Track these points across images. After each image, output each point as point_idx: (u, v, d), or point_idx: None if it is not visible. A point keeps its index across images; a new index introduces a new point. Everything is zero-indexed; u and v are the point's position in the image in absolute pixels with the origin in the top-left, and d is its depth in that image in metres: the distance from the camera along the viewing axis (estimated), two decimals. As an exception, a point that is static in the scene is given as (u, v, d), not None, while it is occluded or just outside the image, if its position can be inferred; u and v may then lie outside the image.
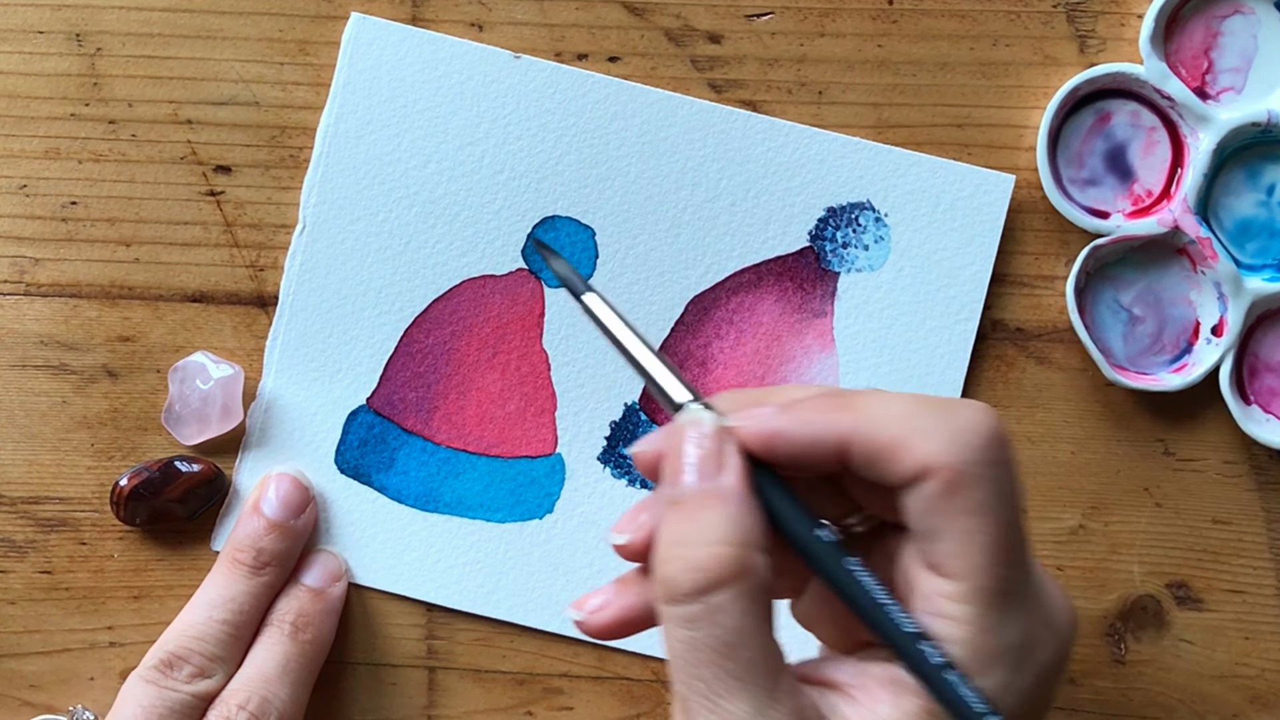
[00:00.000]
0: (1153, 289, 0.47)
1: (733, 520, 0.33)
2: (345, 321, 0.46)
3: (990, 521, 0.33)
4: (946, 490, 0.32)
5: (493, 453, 0.46)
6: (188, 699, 0.42)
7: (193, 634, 0.43)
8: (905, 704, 0.33)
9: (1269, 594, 0.47)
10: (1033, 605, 0.34)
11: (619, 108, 0.46)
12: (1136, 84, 0.46)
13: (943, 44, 0.46)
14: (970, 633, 0.33)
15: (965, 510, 0.32)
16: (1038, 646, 0.34)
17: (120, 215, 0.46)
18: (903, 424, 0.33)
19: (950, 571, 0.33)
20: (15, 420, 0.46)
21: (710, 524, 0.33)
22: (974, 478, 0.32)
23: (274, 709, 0.42)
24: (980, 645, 0.33)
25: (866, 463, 0.34)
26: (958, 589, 0.33)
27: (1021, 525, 0.34)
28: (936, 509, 0.33)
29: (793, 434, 0.34)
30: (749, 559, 0.33)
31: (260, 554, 0.44)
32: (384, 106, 0.46)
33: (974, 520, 0.33)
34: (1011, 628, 0.33)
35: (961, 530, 0.33)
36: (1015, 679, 0.33)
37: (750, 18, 0.46)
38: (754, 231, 0.46)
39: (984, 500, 0.33)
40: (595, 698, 0.47)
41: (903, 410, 0.33)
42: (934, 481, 0.32)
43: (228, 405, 0.46)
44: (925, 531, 0.33)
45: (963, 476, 0.32)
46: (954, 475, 0.32)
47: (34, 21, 0.46)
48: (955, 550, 0.33)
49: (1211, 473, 0.47)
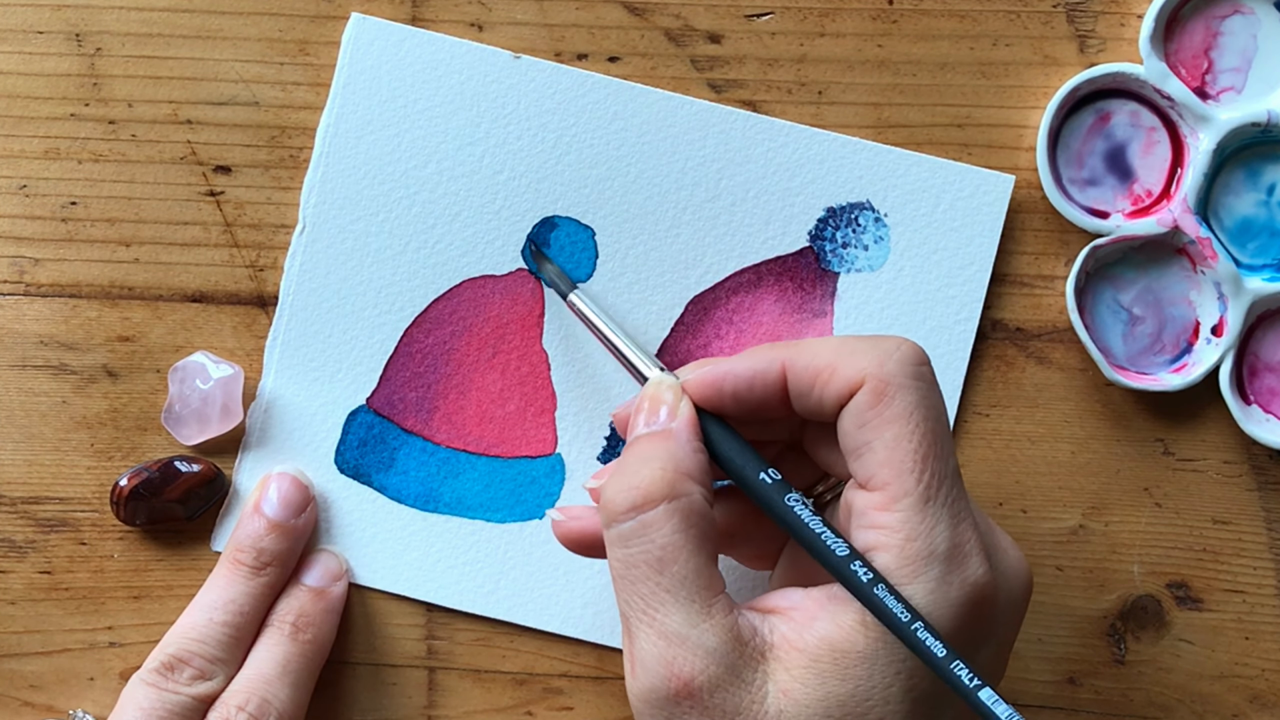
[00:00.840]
0: (1153, 289, 0.47)
1: (670, 452, 0.37)
2: (345, 321, 0.46)
3: (914, 428, 0.36)
4: (873, 398, 0.36)
5: (493, 453, 0.46)
6: (188, 701, 0.42)
7: (193, 636, 0.43)
8: (840, 616, 0.36)
9: (1269, 594, 0.47)
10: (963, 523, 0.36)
11: (619, 108, 0.46)
12: (1136, 84, 0.46)
13: (943, 44, 0.46)
14: (898, 539, 0.35)
15: (891, 417, 0.36)
16: (968, 561, 0.36)
17: (120, 215, 0.46)
18: (834, 350, 0.37)
19: (878, 483, 0.36)
20: (15, 420, 0.46)
21: (648, 454, 0.37)
22: (898, 386, 0.36)
23: (274, 709, 0.42)
24: (908, 551, 0.35)
25: (805, 388, 0.37)
26: (884, 497, 0.36)
27: (948, 439, 0.37)
28: (865, 420, 0.36)
29: (736, 371, 0.38)
30: (680, 483, 0.37)
31: (261, 554, 0.44)
32: (384, 106, 0.46)
33: (900, 426, 0.36)
34: (939, 535, 0.35)
35: (889, 437, 0.36)
36: (942, 589, 0.35)
37: (750, 18, 0.46)
38: (754, 231, 0.46)
39: (907, 407, 0.36)
40: (595, 698, 0.47)
41: (835, 341, 0.38)
42: (863, 392, 0.36)
43: (228, 405, 0.46)
44: (857, 447, 0.36)
45: (888, 385, 0.36)
46: (880, 384, 0.36)
47: (34, 21, 0.46)
48: (883, 458, 0.36)
49: (1211, 473, 0.47)
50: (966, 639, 0.36)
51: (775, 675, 0.35)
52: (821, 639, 0.35)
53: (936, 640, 0.34)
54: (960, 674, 0.33)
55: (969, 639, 0.36)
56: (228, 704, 0.42)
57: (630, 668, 0.36)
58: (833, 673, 0.35)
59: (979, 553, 0.36)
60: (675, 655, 0.35)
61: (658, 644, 0.35)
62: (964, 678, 0.33)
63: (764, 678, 0.35)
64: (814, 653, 0.35)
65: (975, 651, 0.36)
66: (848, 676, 0.35)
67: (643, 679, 0.36)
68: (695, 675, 0.35)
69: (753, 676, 0.35)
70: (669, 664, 0.35)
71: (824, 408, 0.37)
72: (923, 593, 0.35)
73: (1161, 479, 0.47)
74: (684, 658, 0.35)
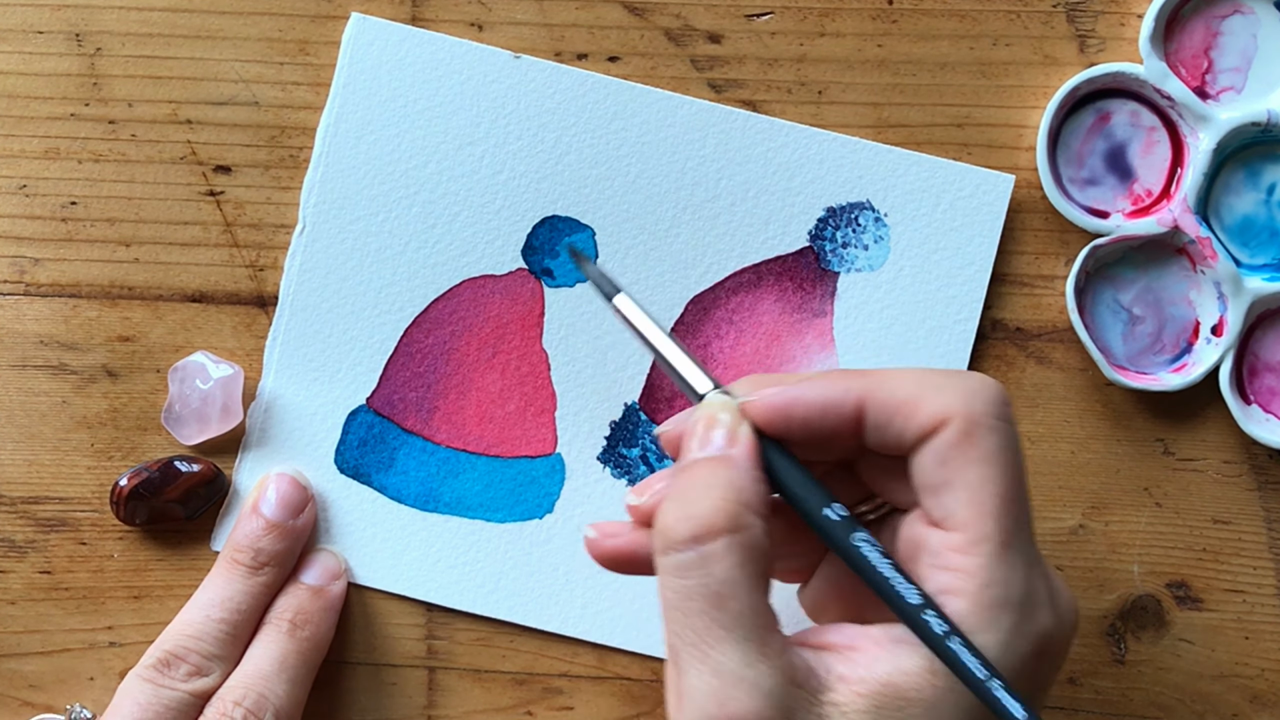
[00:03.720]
0: (1152, 289, 0.47)
1: (731, 481, 0.35)
2: (345, 321, 0.46)
3: (1000, 470, 0.34)
4: (961, 438, 0.34)
5: (492, 453, 0.46)
6: (185, 697, 0.42)
7: (190, 633, 0.43)
8: (905, 661, 0.34)
9: (1269, 594, 0.47)
10: (1035, 570, 0.35)
11: (619, 108, 0.46)
12: (1136, 84, 0.46)
13: (943, 44, 0.46)
14: (975, 585, 0.34)
15: (977, 458, 0.34)
16: (1039, 611, 0.34)
17: (120, 215, 0.46)
18: (918, 383, 0.35)
19: (958, 523, 0.34)
20: (15, 420, 0.46)
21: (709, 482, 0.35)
22: (986, 427, 0.34)
23: (270, 705, 0.42)
24: (984, 598, 0.34)
25: (883, 421, 0.35)
26: (965, 539, 0.34)
27: (1025, 487, 0.35)
28: (949, 458, 0.34)
29: (808, 399, 0.36)
30: (743, 515, 0.35)
31: (259, 554, 0.44)
32: (384, 106, 0.46)
33: (985, 468, 0.34)
34: (1015, 583, 0.34)
35: (973, 478, 0.34)
36: (1015, 640, 0.34)
37: (750, 18, 0.46)
38: (754, 231, 0.46)
39: (994, 449, 0.34)
40: (595, 698, 0.47)
41: (916, 374, 0.36)
42: (949, 430, 0.34)
43: (228, 405, 0.46)
44: (936, 485, 0.35)
45: (976, 425, 0.34)
46: (967, 424, 0.34)
47: (34, 21, 0.46)
48: (965, 499, 0.34)
49: (1211, 473, 0.47)
50: (1029, 688, 0.34)
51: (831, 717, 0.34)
52: (885, 683, 0.34)
53: (1015, 700, 0.32)
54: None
55: (1031, 688, 0.35)
56: (225, 699, 0.42)
57: (676, 700, 0.35)
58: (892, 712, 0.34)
59: (1048, 601, 0.35)
60: (729, 695, 0.33)
61: (710, 681, 0.34)
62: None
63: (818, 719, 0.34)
64: (875, 697, 0.34)
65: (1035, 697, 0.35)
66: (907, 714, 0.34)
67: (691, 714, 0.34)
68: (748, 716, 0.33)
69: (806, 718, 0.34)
70: (721, 703, 0.33)
71: (903, 442, 0.36)
72: (995, 642, 0.34)
73: (1161, 479, 0.47)
74: (738, 698, 0.33)
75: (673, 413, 0.46)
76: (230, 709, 0.41)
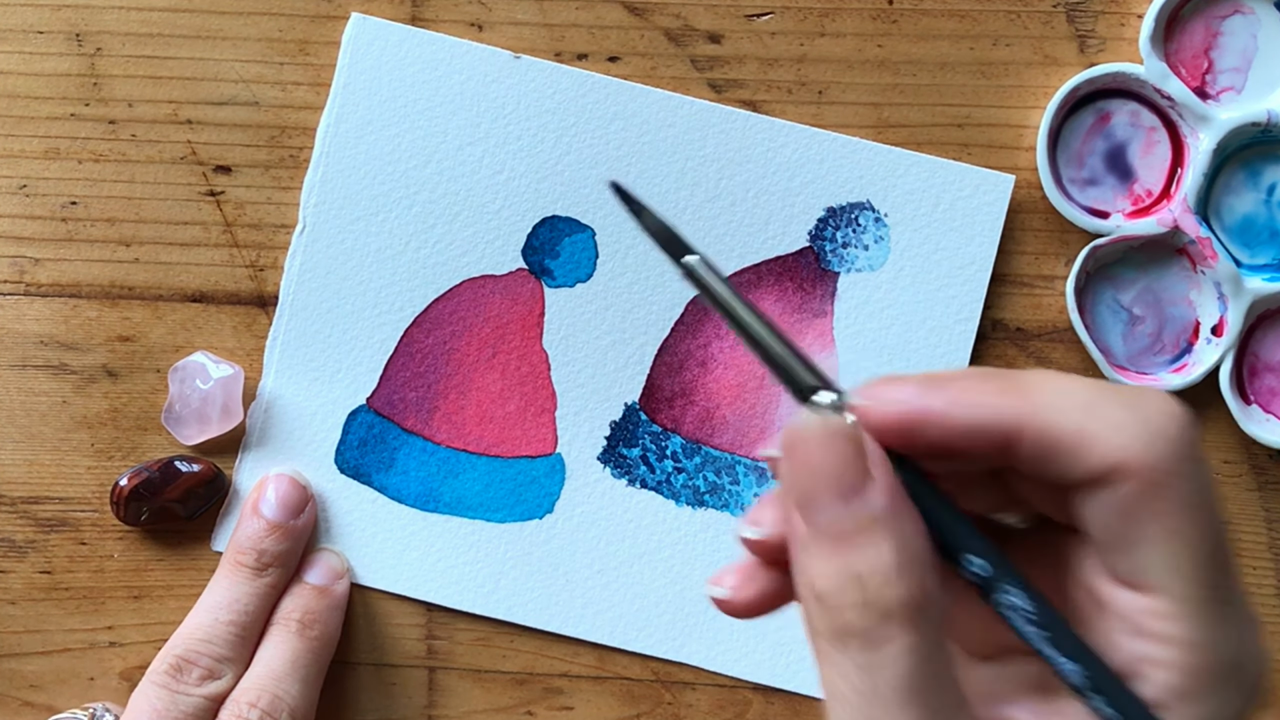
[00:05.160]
0: (1153, 289, 0.47)
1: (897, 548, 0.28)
2: (345, 321, 0.46)
3: (1198, 523, 0.28)
4: (1146, 492, 0.28)
5: (493, 453, 0.46)
6: (200, 701, 0.42)
7: (199, 636, 0.43)
8: None
9: (1269, 594, 0.47)
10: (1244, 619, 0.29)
11: (619, 108, 0.46)
12: (1136, 84, 0.46)
13: (943, 44, 0.46)
14: (1184, 654, 0.28)
15: (1168, 512, 0.28)
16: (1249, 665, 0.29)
17: (120, 215, 0.46)
18: (1088, 413, 0.28)
19: (1153, 585, 0.28)
20: (15, 420, 0.46)
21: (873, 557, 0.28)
22: (1176, 475, 0.28)
23: (285, 705, 0.42)
24: (1196, 666, 0.28)
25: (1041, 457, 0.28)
26: (1165, 604, 0.28)
27: (1224, 530, 0.29)
28: (1133, 513, 0.28)
29: (948, 418, 0.28)
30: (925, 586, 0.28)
31: (262, 555, 0.44)
32: (384, 106, 0.46)
33: (1179, 523, 0.28)
34: (1227, 643, 0.28)
35: (1165, 535, 0.28)
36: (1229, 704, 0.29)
37: (750, 18, 0.46)
38: (754, 231, 0.46)
39: (1189, 500, 0.28)
40: (595, 698, 0.47)
41: (1086, 397, 0.28)
42: (1131, 483, 0.28)
43: (228, 405, 0.46)
44: (1116, 540, 0.28)
45: (1165, 475, 0.28)
46: (1154, 474, 0.28)
47: (34, 21, 0.46)
48: (1159, 560, 0.28)
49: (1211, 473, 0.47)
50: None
51: None
52: None
53: None
54: None
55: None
56: (239, 701, 0.42)
57: None
58: None
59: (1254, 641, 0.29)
60: None
61: None
62: None
63: None
64: None
65: None
66: None
67: None
68: None
69: None
70: None
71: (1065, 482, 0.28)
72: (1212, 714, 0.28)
73: (1161, 479, 0.47)
74: None
75: (674, 413, 0.46)
76: (246, 711, 0.41)
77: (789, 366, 0.29)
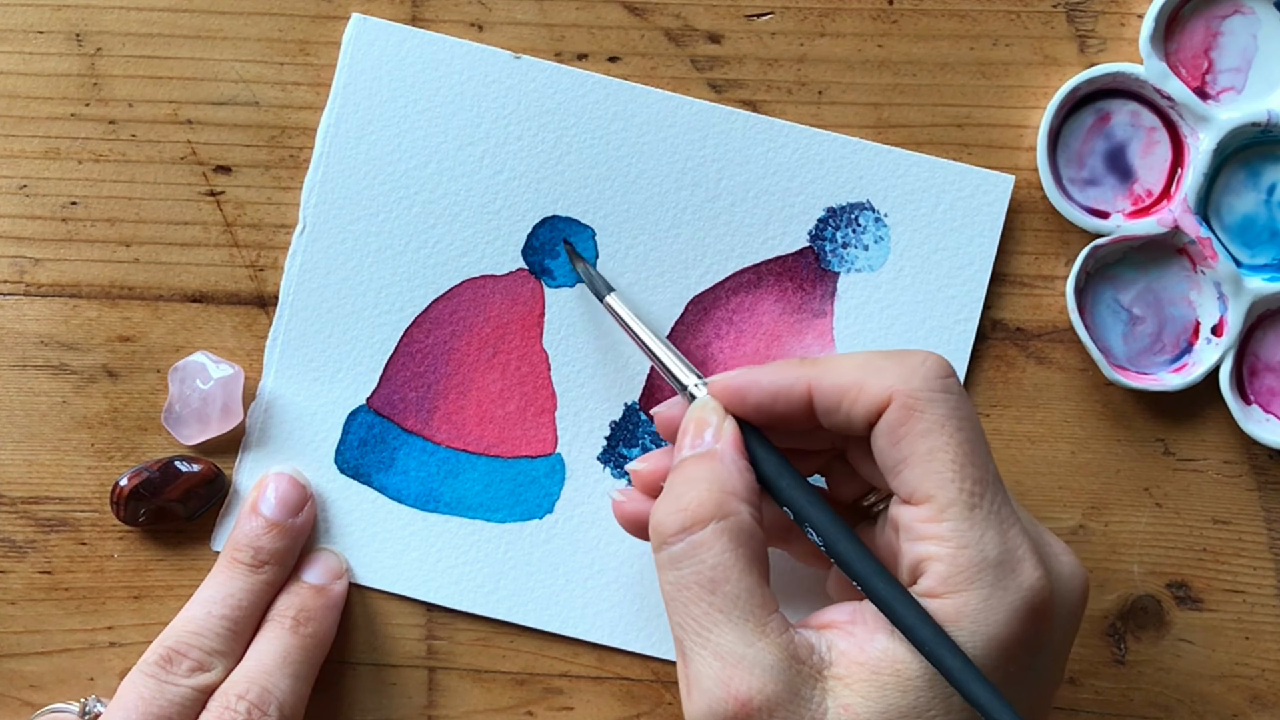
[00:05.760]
0: (1153, 289, 0.47)
1: (716, 472, 0.37)
2: (345, 321, 0.46)
3: (950, 437, 0.36)
4: (904, 414, 0.36)
5: (493, 453, 0.46)
6: (188, 692, 0.42)
7: (191, 629, 0.43)
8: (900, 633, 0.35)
9: (1269, 594, 0.47)
10: (1011, 529, 0.36)
11: (619, 108, 0.46)
12: (1136, 84, 0.46)
13: (943, 44, 0.46)
14: (948, 549, 0.35)
15: (925, 431, 0.36)
16: (1021, 567, 0.35)
17: (120, 215, 0.46)
18: (860, 367, 0.37)
19: (921, 495, 0.36)
20: (15, 420, 0.46)
21: (696, 476, 0.37)
22: (928, 400, 0.36)
23: (274, 699, 0.42)
24: (958, 559, 0.35)
25: (833, 406, 0.37)
26: (930, 509, 0.35)
27: (984, 448, 0.37)
28: (899, 435, 0.36)
29: (761, 384, 0.38)
30: (728, 503, 0.37)
31: (259, 553, 0.44)
32: (384, 106, 0.46)
33: (934, 439, 0.36)
34: (988, 543, 0.35)
35: (924, 449, 0.36)
36: (998, 595, 0.35)
37: (750, 18, 0.46)
38: (754, 231, 0.46)
39: (941, 419, 0.36)
40: (595, 698, 0.47)
41: (859, 358, 0.38)
42: (893, 409, 0.36)
43: (228, 405, 0.46)
44: (894, 464, 0.36)
45: (917, 400, 0.36)
46: (910, 399, 0.36)
47: (34, 21, 0.46)
48: (922, 471, 0.36)
49: (1211, 473, 0.47)
50: (1027, 646, 0.35)
51: (835, 691, 0.35)
52: (884, 652, 0.35)
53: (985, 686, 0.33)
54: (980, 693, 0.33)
55: (1027, 647, 0.35)
56: (228, 693, 0.42)
57: (686, 690, 0.36)
58: (894, 685, 0.35)
59: (1031, 558, 0.35)
60: (732, 675, 0.35)
61: (713, 665, 0.35)
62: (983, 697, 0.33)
63: (823, 694, 0.35)
64: (875, 666, 0.35)
65: (1033, 658, 0.36)
66: (909, 689, 0.35)
67: (699, 701, 0.35)
68: (754, 695, 0.34)
69: (811, 693, 0.35)
70: (726, 684, 0.35)
71: (853, 425, 0.37)
72: (978, 600, 0.35)
73: (1161, 479, 0.47)
74: (741, 677, 0.35)
75: (673, 413, 0.46)
76: (234, 703, 0.41)
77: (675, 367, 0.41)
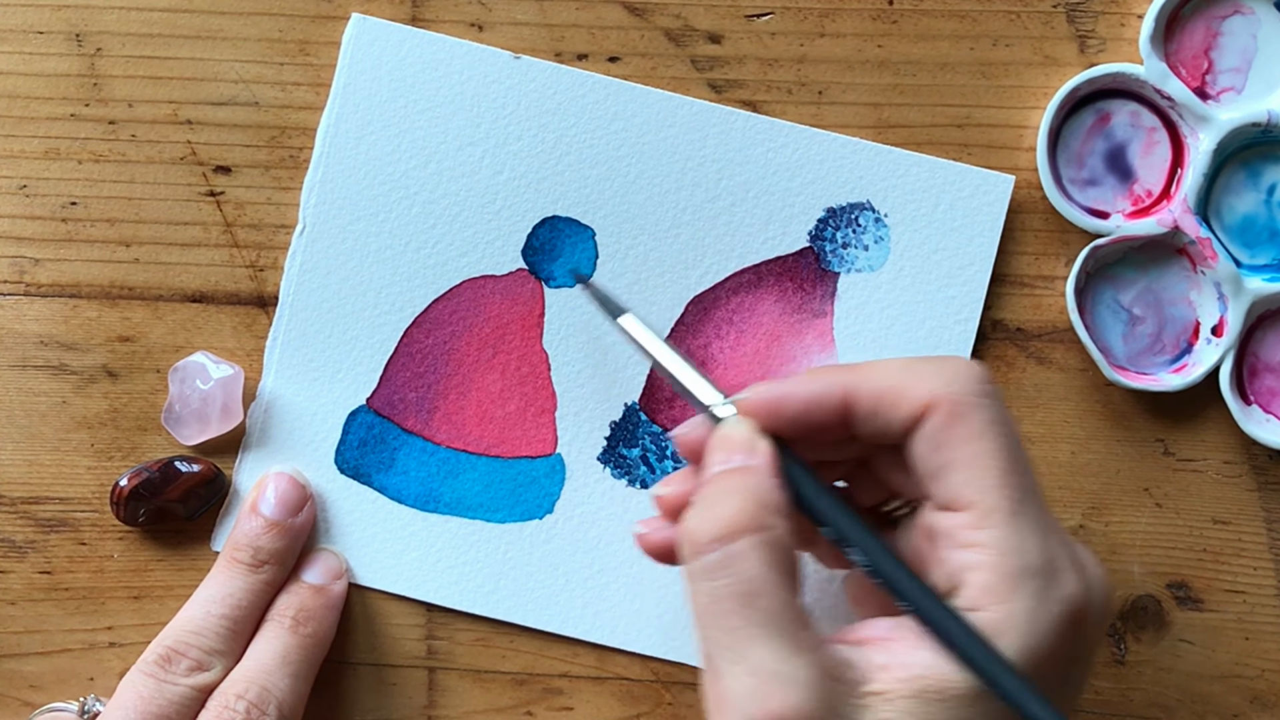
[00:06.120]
0: (1153, 289, 0.47)
1: (752, 486, 0.36)
2: (345, 321, 0.46)
3: (994, 443, 0.35)
4: (949, 420, 0.35)
5: (493, 453, 0.46)
6: (187, 691, 0.42)
7: (190, 628, 0.43)
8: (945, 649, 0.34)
9: (1269, 594, 0.47)
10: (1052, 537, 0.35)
11: (619, 108, 0.46)
12: (1136, 84, 0.46)
13: (943, 44, 0.46)
14: (992, 556, 0.34)
15: (969, 436, 0.35)
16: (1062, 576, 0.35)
17: (120, 215, 0.46)
18: (899, 372, 0.36)
19: (964, 502, 0.35)
20: (15, 420, 0.46)
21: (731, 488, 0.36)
22: (972, 405, 0.35)
23: (273, 699, 0.42)
24: (1004, 567, 0.34)
25: (870, 412, 0.36)
26: (973, 516, 0.35)
27: (1023, 453, 0.36)
28: (941, 441, 0.35)
29: (796, 395, 0.37)
30: (765, 516, 0.35)
31: (258, 552, 0.44)
32: (384, 107, 0.46)
33: (979, 444, 0.35)
34: (1032, 550, 0.34)
35: (969, 455, 0.35)
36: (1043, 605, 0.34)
37: (750, 18, 0.46)
38: (754, 231, 0.46)
39: (985, 424, 0.35)
40: (595, 698, 0.47)
41: (897, 364, 0.37)
42: (937, 414, 0.35)
43: (228, 405, 0.46)
44: (935, 470, 0.35)
45: (962, 405, 0.35)
46: (954, 405, 0.35)
47: (34, 21, 0.46)
48: (965, 478, 0.35)
49: (1211, 473, 0.47)
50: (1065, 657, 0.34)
51: (875, 707, 0.34)
52: (927, 668, 0.34)
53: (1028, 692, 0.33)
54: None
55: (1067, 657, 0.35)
56: (227, 693, 0.42)
57: (717, 707, 0.35)
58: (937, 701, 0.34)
59: (1070, 567, 0.35)
60: (768, 692, 0.33)
61: (747, 681, 0.33)
62: None
63: (861, 711, 0.34)
64: (916, 682, 0.34)
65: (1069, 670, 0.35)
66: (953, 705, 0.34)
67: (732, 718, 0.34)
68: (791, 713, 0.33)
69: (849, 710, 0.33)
70: (762, 702, 0.33)
71: (891, 431, 0.36)
72: (1023, 610, 0.34)
73: (1161, 479, 0.47)
74: (778, 695, 0.33)
75: (673, 413, 0.46)
76: (233, 702, 0.41)
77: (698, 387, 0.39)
